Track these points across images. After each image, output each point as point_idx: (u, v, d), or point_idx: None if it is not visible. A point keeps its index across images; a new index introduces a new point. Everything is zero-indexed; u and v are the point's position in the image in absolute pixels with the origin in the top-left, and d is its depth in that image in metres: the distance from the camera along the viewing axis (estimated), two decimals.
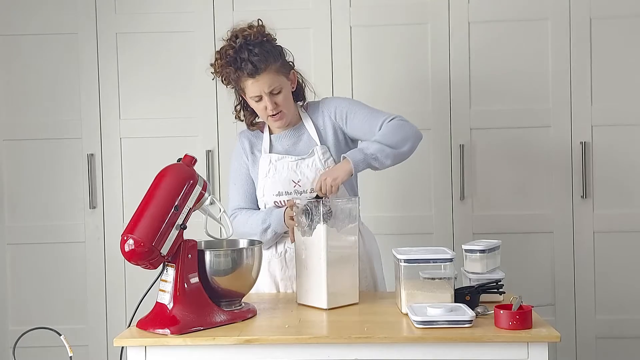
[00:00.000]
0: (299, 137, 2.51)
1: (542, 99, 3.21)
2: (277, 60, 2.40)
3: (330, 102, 2.55)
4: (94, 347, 3.30)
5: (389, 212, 3.24)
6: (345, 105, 2.52)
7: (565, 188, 3.20)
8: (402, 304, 2.11)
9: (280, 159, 2.48)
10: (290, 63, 2.49)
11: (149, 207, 2.00)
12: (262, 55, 2.36)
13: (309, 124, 2.51)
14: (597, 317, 3.20)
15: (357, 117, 2.48)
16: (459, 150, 3.20)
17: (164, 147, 3.23)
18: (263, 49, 2.37)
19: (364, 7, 3.24)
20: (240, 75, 2.38)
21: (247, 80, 2.38)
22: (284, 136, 2.52)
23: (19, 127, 3.33)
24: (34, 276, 3.34)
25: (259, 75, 2.36)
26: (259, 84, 2.38)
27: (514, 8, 3.20)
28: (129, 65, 3.30)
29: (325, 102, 2.56)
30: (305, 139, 2.50)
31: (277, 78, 2.40)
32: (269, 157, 2.49)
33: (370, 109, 2.50)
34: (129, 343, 1.96)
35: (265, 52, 2.37)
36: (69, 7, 3.30)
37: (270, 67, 2.38)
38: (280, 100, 2.42)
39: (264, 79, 2.37)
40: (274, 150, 2.52)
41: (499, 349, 1.90)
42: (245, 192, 2.56)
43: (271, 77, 2.38)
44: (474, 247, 2.32)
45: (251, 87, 2.39)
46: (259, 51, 2.36)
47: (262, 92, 2.39)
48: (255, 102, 2.43)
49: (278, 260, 2.50)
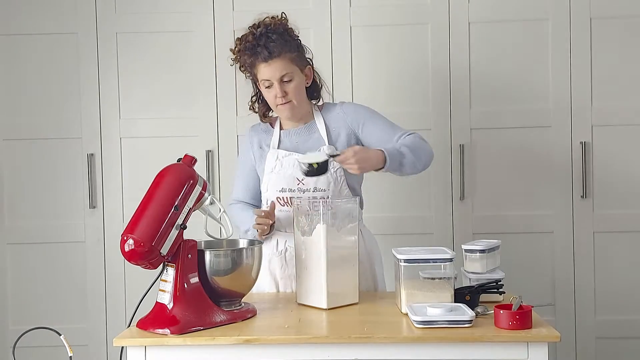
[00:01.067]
0: (309, 135, 2.51)
1: (542, 99, 3.21)
2: (293, 51, 2.44)
3: (349, 106, 2.58)
4: (94, 347, 3.30)
5: (389, 212, 3.24)
6: (363, 112, 2.54)
7: (565, 188, 3.20)
8: (402, 304, 2.11)
9: (287, 156, 2.48)
10: (308, 59, 2.52)
11: (149, 207, 2.00)
12: (279, 42, 2.40)
13: (320, 123, 2.52)
14: (597, 317, 3.20)
15: (376, 126, 2.50)
16: (459, 150, 3.20)
17: (164, 147, 3.23)
18: (281, 37, 2.41)
19: (364, 7, 3.24)
20: (255, 60, 2.42)
21: (260, 65, 2.42)
22: (294, 133, 2.53)
23: (19, 127, 3.33)
24: (34, 276, 3.34)
25: (272, 60, 2.40)
26: (271, 69, 2.41)
27: (514, 8, 3.20)
28: (129, 65, 3.30)
29: (344, 105, 2.57)
30: (315, 138, 2.50)
31: (290, 67, 2.43)
32: (277, 152, 2.50)
33: (389, 121, 2.53)
34: (129, 343, 1.96)
35: (283, 41, 2.41)
36: (69, 7, 3.30)
37: (285, 54, 2.41)
38: (290, 89, 2.44)
39: (277, 64, 2.40)
40: (282, 146, 2.53)
41: (498, 349, 1.90)
42: (246, 186, 2.61)
43: (284, 64, 2.41)
44: (474, 247, 2.32)
45: (263, 71, 2.42)
46: (276, 38, 2.40)
47: (273, 77, 2.41)
48: (266, 89, 2.46)
49: (278, 258, 2.50)
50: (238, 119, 3.23)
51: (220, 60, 3.24)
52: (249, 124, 2.67)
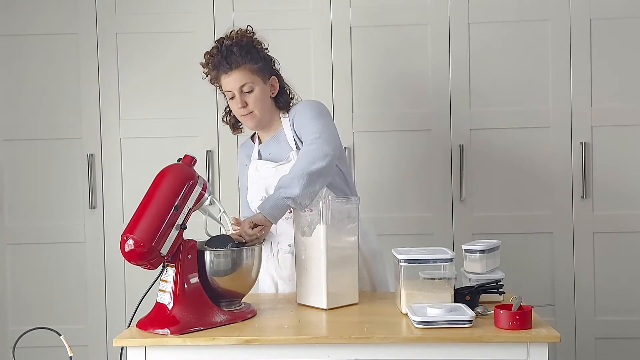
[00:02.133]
0: (279, 143, 2.52)
1: (542, 99, 3.21)
2: (255, 62, 2.43)
3: (293, 109, 2.52)
4: (93, 347, 3.30)
5: (389, 212, 3.24)
6: (297, 109, 2.49)
7: (565, 188, 3.20)
8: (402, 304, 2.11)
9: (263, 165, 2.51)
10: (275, 70, 2.51)
11: (149, 207, 2.00)
12: (239, 53, 2.41)
13: (288, 131, 2.51)
14: (596, 317, 3.20)
15: (297, 124, 2.46)
16: (458, 150, 3.20)
17: (164, 147, 3.23)
18: (242, 49, 2.42)
19: (364, 7, 3.24)
20: (217, 73, 2.44)
21: (221, 76, 2.44)
22: (268, 143, 2.54)
23: (19, 127, 3.33)
24: (34, 276, 3.34)
25: (231, 71, 2.41)
26: (231, 80, 2.42)
27: (514, 9, 3.20)
28: (129, 65, 3.30)
29: (294, 107, 2.54)
30: (283, 145, 2.50)
31: (250, 77, 2.42)
32: (256, 163, 2.53)
33: (312, 120, 2.42)
34: (129, 343, 1.96)
35: (244, 52, 2.42)
36: (69, 7, 3.30)
37: (245, 65, 2.41)
38: (250, 100, 2.44)
39: (236, 75, 2.41)
40: (262, 157, 2.55)
41: (498, 349, 1.90)
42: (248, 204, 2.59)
43: (244, 74, 2.41)
44: (474, 247, 2.32)
45: (224, 82, 2.44)
46: (237, 50, 2.41)
47: (234, 88, 2.42)
48: (230, 100, 2.48)
49: (272, 260, 2.52)
50: None
51: None
52: None
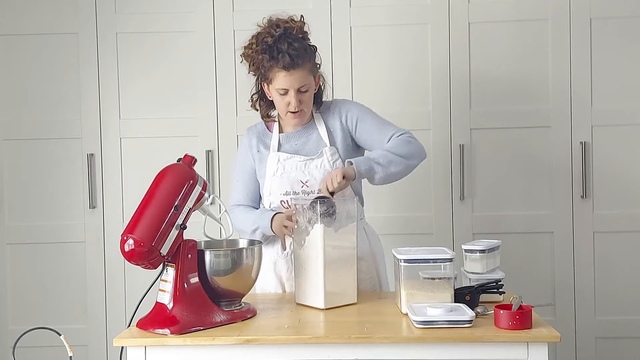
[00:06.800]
0: (308, 137, 2.49)
1: (542, 99, 3.21)
2: (311, 60, 2.42)
3: (343, 105, 2.54)
4: (93, 347, 3.30)
5: (389, 212, 3.24)
6: (356, 111, 2.51)
7: (565, 188, 3.20)
8: (402, 304, 2.11)
9: (289, 158, 2.46)
10: (318, 65, 2.49)
11: (149, 207, 2.00)
12: (301, 50, 2.37)
13: (320, 125, 2.50)
14: (597, 317, 3.20)
15: (366, 126, 2.48)
16: (459, 150, 3.20)
17: (164, 147, 3.23)
18: (302, 45, 2.38)
19: (364, 7, 3.24)
20: (274, 65, 2.37)
21: (279, 72, 2.37)
22: (293, 135, 2.51)
23: (19, 127, 3.33)
24: (34, 276, 3.34)
25: (293, 69, 2.36)
26: (291, 79, 2.37)
27: (514, 8, 3.20)
28: (129, 65, 3.30)
29: (338, 104, 2.55)
30: (314, 139, 2.49)
31: (308, 77, 2.41)
32: (278, 155, 2.48)
33: (381, 119, 2.51)
34: (129, 343, 1.96)
35: (303, 49, 2.39)
36: (69, 7, 3.30)
37: (305, 64, 2.39)
38: (305, 99, 2.42)
39: (297, 74, 2.37)
40: (282, 149, 2.50)
41: (499, 349, 1.90)
42: (247, 190, 2.56)
43: (304, 74, 2.39)
44: (474, 247, 2.32)
45: (282, 79, 2.38)
46: (298, 46, 2.37)
47: (292, 87, 2.38)
48: (280, 95, 2.42)
49: (284, 260, 2.49)
50: (238, 119, 3.23)
51: (220, 60, 3.25)
52: (249, 123, 2.65)
